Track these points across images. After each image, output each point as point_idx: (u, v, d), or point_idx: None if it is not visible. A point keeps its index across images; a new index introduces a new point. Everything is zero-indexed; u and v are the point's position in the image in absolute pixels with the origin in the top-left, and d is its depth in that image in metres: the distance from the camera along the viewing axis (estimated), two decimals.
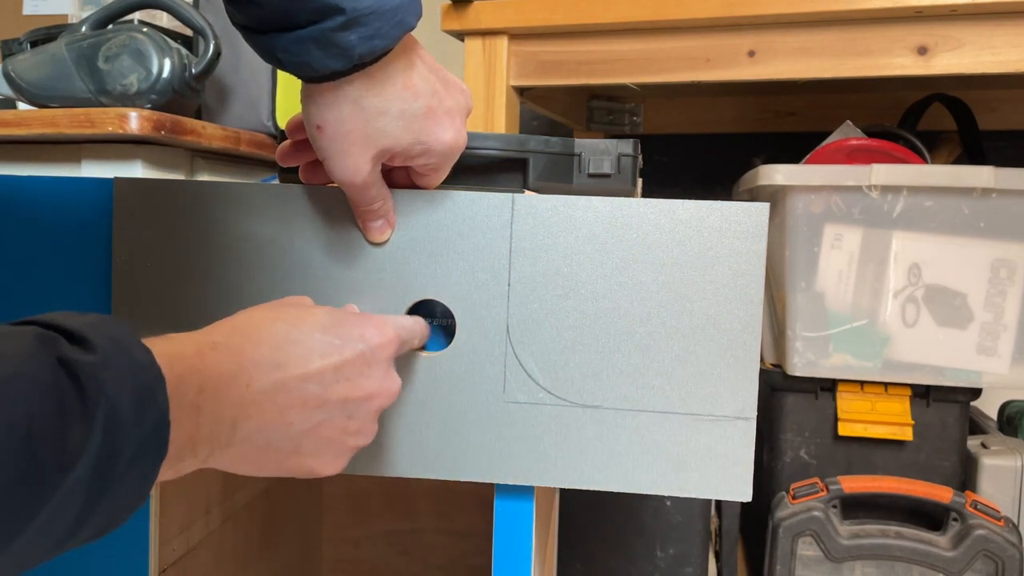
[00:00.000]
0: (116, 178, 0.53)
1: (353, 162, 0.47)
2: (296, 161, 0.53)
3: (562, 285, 0.50)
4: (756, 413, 0.49)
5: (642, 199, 0.50)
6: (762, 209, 0.49)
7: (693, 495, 0.50)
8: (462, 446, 0.51)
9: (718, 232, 0.49)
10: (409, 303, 0.51)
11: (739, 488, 0.50)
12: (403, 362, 0.51)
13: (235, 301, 0.52)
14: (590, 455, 0.50)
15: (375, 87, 0.47)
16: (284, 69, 0.47)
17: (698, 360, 0.49)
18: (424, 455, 0.51)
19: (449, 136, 0.49)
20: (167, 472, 0.36)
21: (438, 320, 0.53)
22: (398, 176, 0.52)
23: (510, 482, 0.51)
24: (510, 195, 0.51)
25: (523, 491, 0.52)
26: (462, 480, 0.52)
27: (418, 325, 0.51)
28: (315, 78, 0.46)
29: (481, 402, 0.51)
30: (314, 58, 0.44)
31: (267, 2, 0.44)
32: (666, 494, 0.50)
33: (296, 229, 0.52)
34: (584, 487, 0.51)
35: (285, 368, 0.42)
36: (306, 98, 0.48)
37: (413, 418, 0.51)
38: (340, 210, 0.51)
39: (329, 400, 0.43)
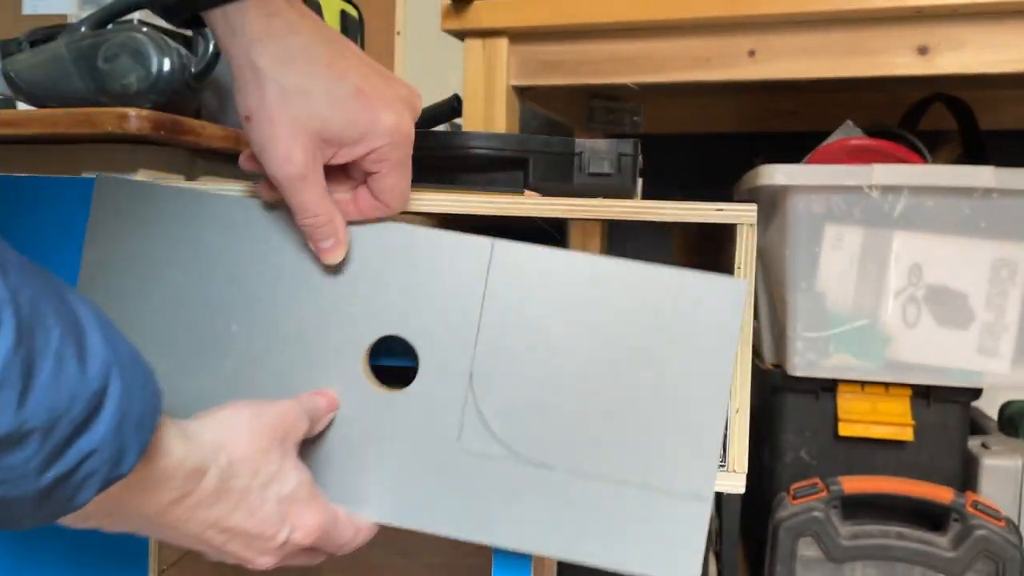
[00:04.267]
0: (99, 176, 0.52)
1: (284, 148, 0.45)
2: (257, 168, 0.51)
3: (532, 338, 0.48)
4: (712, 494, 0.47)
5: (622, 260, 0.49)
6: (741, 286, 0.47)
7: (635, 572, 0.47)
8: (409, 492, 0.49)
9: (694, 302, 0.47)
10: (374, 336, 0.50)
11: (686, 570, 0.47)
12: (359, 398, 0.50)
13: (199, 316, 0.51)
14: (535, 517, 0.48)
15: (297, 67, 0.45)
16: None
17: (660, 432, 0.47)
18: (367, 497, 0.50)
19: (390, 120, 0.47)
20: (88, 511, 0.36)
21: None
22: (363, 202, 0.51)
23: (452, 535, 0.49)
24: (490, 241, 0.49)
25: None
26: (403, 527, 0.50)
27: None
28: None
29: (434, 448, 0.49)
30: None
31: None
32: (609, 568, 0.48)
33: (271, 247, 0.51)
34: (525, 550, 0.49)
35: (223, 513, 0.43)
36: (236, 93, 0.47)
37: (363, 454, 0.50)
38: None
39: (231, 554, 0.45)
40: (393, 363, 0.52)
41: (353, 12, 1.45)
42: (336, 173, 0.51)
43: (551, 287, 0.48)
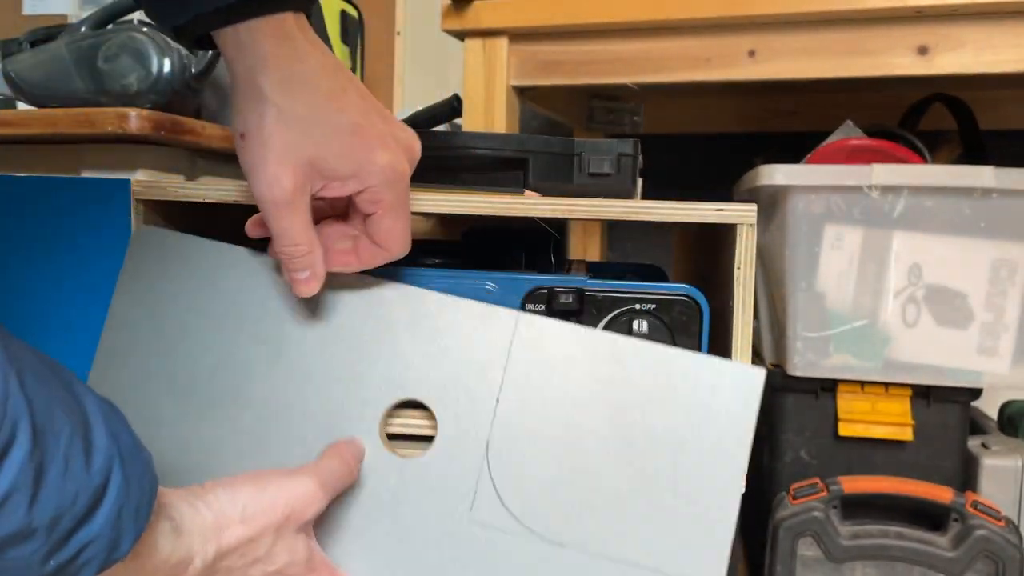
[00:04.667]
0: (138, 228, 0.53)
1: (273, 170, 0.45)
2: (263, 233, 0.51)
3: (552, 413, 0.48)
4: None
5: (643, 341, 0.49)
6: (758, 375, 0.47)
7: None
8: (416, 561, 0.49)
9: (711, 389, 0.47)
10: (393, 400, 0.50)
11: None
12: (374, 460, 0.50)
13: (221, 369, 0.51)
14: None
15: (299, 94, 0.45)
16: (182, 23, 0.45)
17: (672, 517, 0.47)
18: (376, 560, 0.49)
19: (384, 159, 0.47)
20: None
21: None
22: (363, 251, 0.50)
23: None
24: (515, 314, 0.49)
25: None
26: None
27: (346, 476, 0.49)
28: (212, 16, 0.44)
29: (446, 515, 0.49)
30: None
31: None
32: None
33: (298, 306, 0.51)
34: None
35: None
36: (233, 111, 0.47)
37: (372, 522, 0.50)
38: (343, 293, 0.50)
39: None
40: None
41: (353, 12, 1.45)
42: (335, 225, 0.50)
43: (572, 363, 0.48)
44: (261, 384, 0.51)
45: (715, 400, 0.47)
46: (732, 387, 0.47)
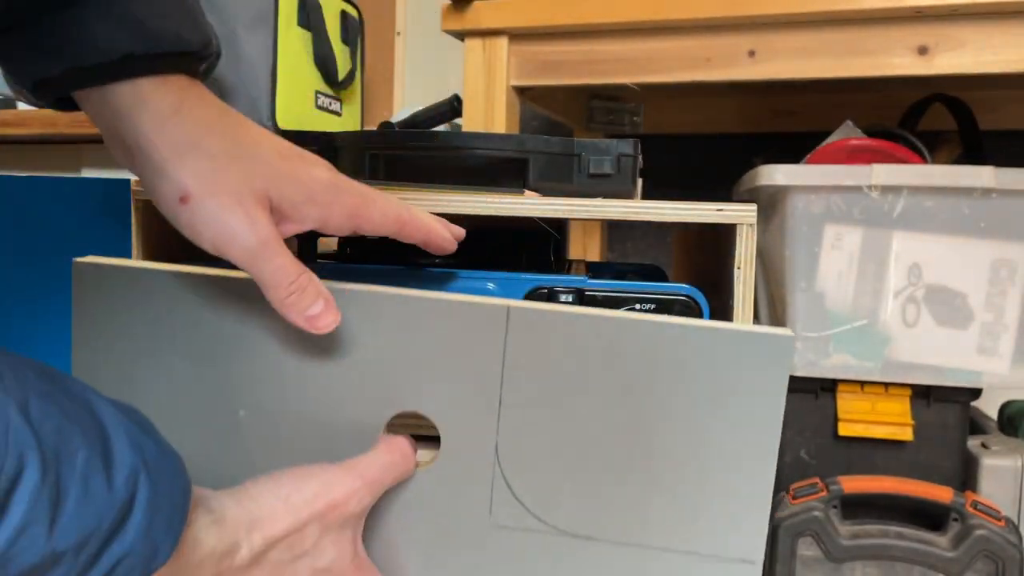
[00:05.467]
0: (76, 261, 0.48)
1: (240, 216, 0.40)
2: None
3: (559, 407, 0.45)
4: (762, 556, 0.45)
5: (653, 317, 0.45)
6: (787, 341, 0.44)
7: None
8: (445, 566, 0.47)
9: (735, 361, 0.44)
10: (389, 416, 0.47)
11: None
12: None
13: (204, 404, 0.48)
14: None
15: (220, 135, 0.42)
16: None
17: (703, 496, 0.45)
18: (404, 572, 0.48)
19: (325, 175, 0.44)
20: None
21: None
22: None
23: None
24: (505, 305, 0.46)
25: None
26: None
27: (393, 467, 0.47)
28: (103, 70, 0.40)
29: (465, 524, 0.47)
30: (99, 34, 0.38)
31: None
32: None
33: (275, 325, 0.46)
34: None
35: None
36: (152, 185, 0.42)
37: (391, 538, 0.48)
38: None
39: None
40: None
41: (353, 12, 1.45)
42: None
43: (574, 349, 0.45)
44: (248, 414, 0.48)
45: (739, 372, 0.44)
46: (758, 355, 0.44)
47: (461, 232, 0.49)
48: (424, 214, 0.49)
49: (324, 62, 1.24)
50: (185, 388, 0.48)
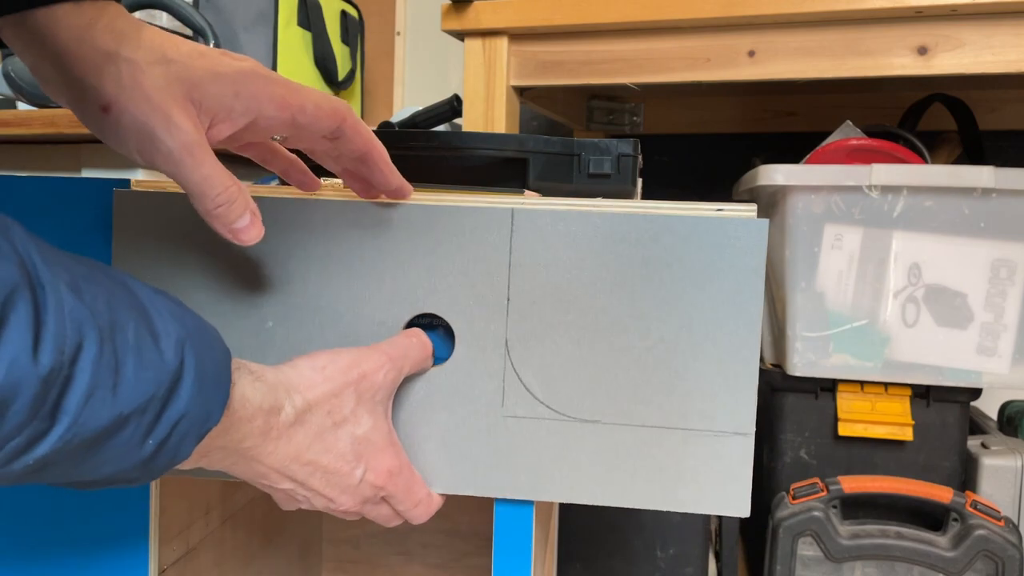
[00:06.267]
0: (116, 190, 0.52)
1: (164, 117, 0.40)
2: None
3: (562, 299, 0.49)
4: (755, 428, 0.49)
5: (643, 208, 0.49)
6: (761, 225, 0.48)
7: (690, 511, 0.50)
8: (460, 460, 0.51)
9: (717, 247, 0.48)
10: (408, 316, 0.51)
11: (737, 504, 0.50)
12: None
13: (234, 317, 0.52)
14: (588, 470, 0.50)
15: (145, 38, 0.41)
16: None
17: (696, 375, 0.49)
18: (422, 469, 0.51)
19: (246, 64, 0.42)
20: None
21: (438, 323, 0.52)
22: (358, 181, 0.49)
23: (508, 496, 0.51)
24: (510, 207, 0.50)
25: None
26: (460, 494, 0.51)
27: (413, 350, 0.49)
28: None
29: (479, 416, 0.50)
30: None
31: None
32: (663, 509, 0.50)
33: (293, 241, 0.51)
34: (582, 502, 0.50)
35: (302, 445, 0.45)
36: (76, 98, 0.41)
37: (410, 432, 0.51)
38: (337, 222, 0.51)
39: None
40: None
41: (353, 12, 1.45)
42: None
43: (575, 247, 0.49)
44: (276, 325, 0.52)
45: (721, 257, 0.48)
46: (736, 239, 0.48)
47: (409, 188, 0.50)
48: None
49: (324, 62, 1.24)
50: (216, 303, 0.52)
